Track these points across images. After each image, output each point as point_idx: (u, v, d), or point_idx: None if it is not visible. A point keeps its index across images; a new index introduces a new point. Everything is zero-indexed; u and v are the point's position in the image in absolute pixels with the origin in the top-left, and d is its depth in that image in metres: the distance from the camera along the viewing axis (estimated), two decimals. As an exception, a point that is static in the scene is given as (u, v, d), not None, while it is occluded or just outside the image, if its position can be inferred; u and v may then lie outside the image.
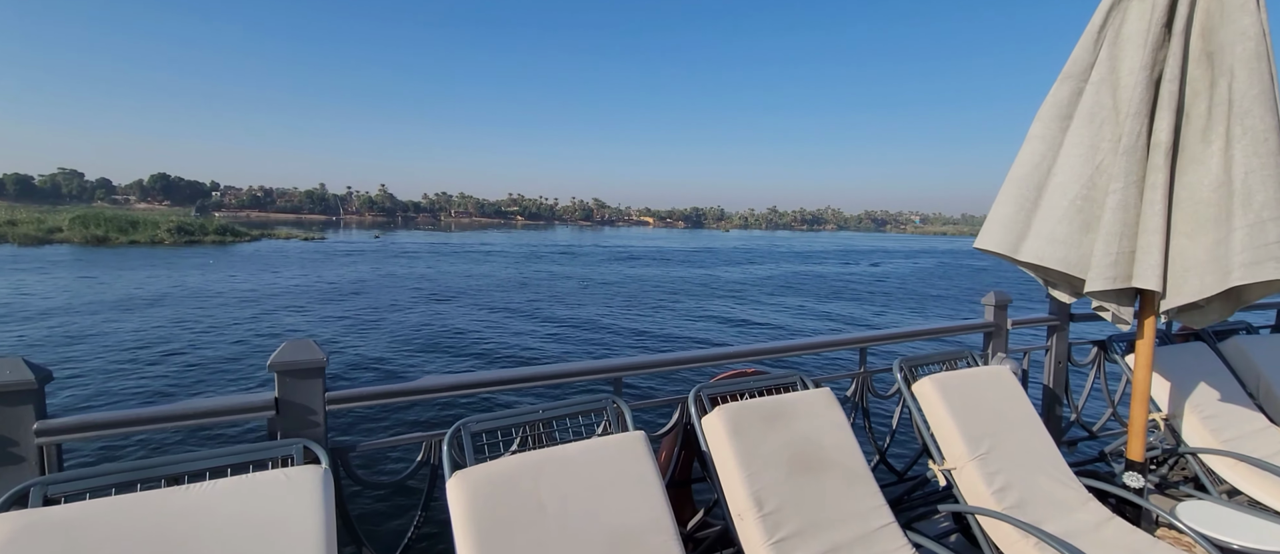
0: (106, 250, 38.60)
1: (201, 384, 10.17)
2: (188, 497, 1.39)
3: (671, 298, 22.90)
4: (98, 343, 12.74)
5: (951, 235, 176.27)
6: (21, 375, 1.45)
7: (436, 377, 2.01)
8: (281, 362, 1.67)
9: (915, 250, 70.75)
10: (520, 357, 12.72)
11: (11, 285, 21.05)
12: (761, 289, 26.96)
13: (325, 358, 1.73)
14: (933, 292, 27.68)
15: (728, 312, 19.62)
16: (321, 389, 1.73)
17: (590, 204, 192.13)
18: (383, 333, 14.64)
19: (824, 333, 16.04)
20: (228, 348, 12.73)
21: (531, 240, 73.39)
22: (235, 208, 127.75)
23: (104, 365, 11.01)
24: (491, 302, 20.64)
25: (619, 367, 2.24)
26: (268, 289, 22.26)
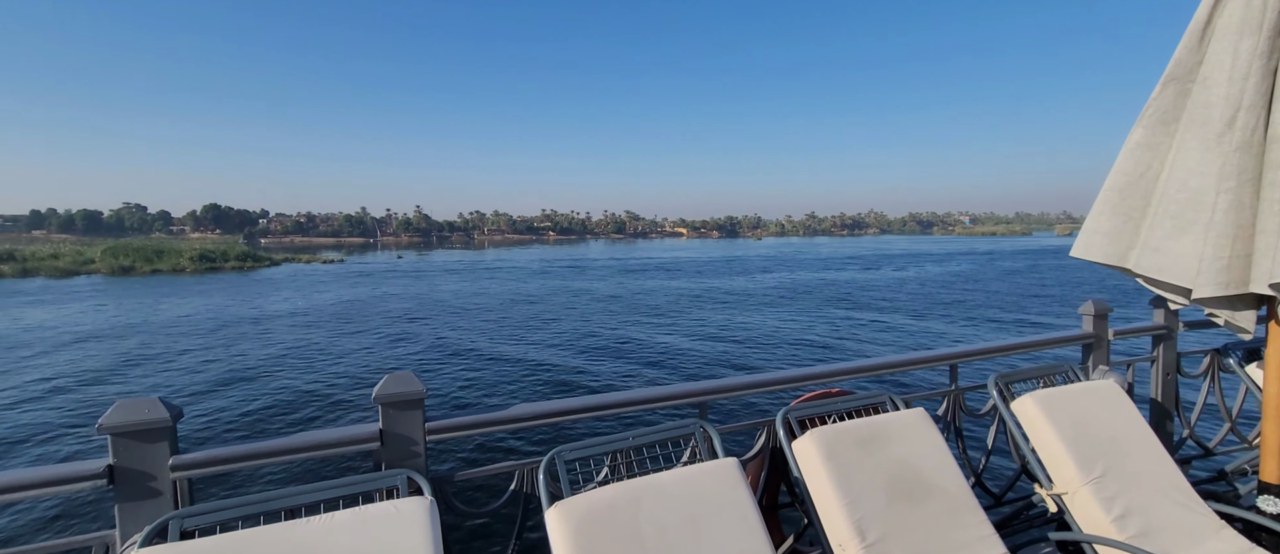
0: (131, 280, 40.03)
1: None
2: (309, 529, 1.46)
3: (641, 312, 21.34)
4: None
5: (1002, 235, 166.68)
6: (158, 414, 1.57)
7: (527, 405, 2.02)
8: (385, 394, 1.76)
9: (953, 252, 66.60)
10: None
11: (10, 319, 21.49)
12: (747, 301, 25.03)
13: (424, 390, 1.81)
14: (950, 297, 25.10)
15: (704, 323, 17.94)
16: (422, 420, 1.82)
17: (623, 217, 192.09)
18: (334, 358, 13.76)
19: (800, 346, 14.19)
20: (160, 378, 12.06)
21: (548, 255, 73.06)
22: (280, 234, 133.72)
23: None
24: (460, 320, 19.63)
25: (704, 390, 2.22)
26: (235, 315, 21.96)
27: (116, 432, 1.58)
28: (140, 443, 1.60)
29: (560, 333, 17.48)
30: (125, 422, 1.59)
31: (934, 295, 26.39)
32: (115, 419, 1.58)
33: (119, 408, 1.60)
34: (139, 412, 1.60)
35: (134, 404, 1.60)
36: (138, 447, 1.61)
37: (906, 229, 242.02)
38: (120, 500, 1.59)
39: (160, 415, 1.57)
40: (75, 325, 20.06)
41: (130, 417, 1.59)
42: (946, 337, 16.56)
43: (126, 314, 22.84)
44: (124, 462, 1.60)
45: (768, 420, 2.22)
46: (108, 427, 1.58)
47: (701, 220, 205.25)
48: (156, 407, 1.58)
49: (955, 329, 17.65)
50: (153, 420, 1.57)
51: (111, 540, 1.58)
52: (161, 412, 1.58)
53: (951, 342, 15.91)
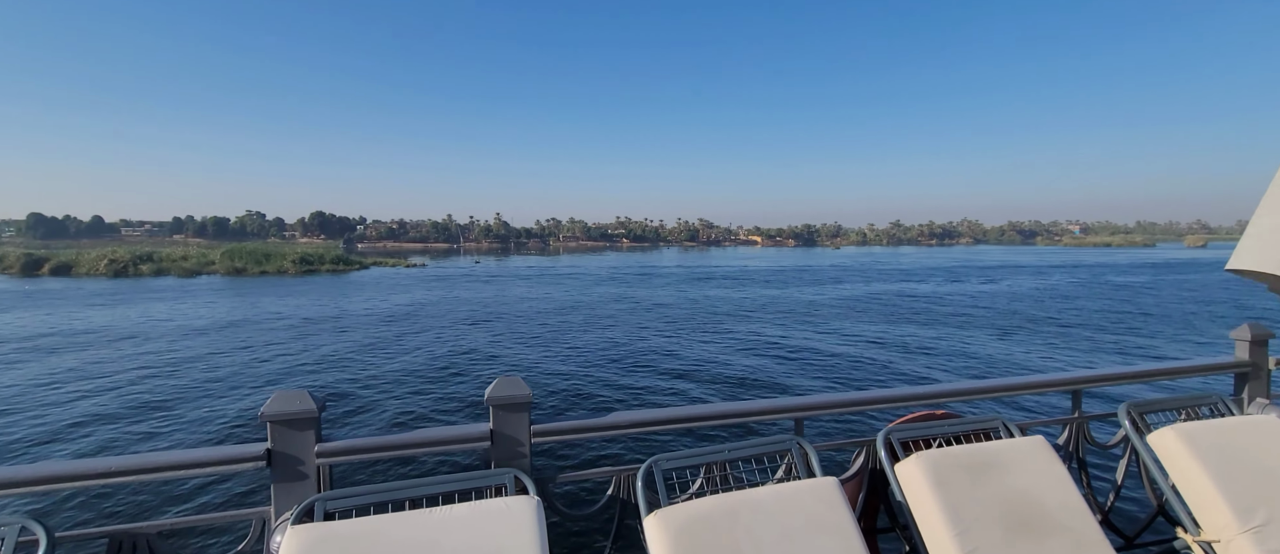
0: (243, 279, 44.51)
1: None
2: (431, 520, 1.59)
3: (664, 323, 20.82)
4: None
5: (1118, 246, 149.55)
6: (308, 405, 1.74)
7: (626, 413, 2.07)
8: (496, 396, 1.87)
9: (1053, 265, 60.63)
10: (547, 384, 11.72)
11: (140, 312, 24.48)
12: (807, 314, 23.82)
13: (531, 394, 1.90)
14: (1040, 314, 22.66)
15: (756, 336, 17.23)
16: (528, 423, 1.91)
17: (696, 225, 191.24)
18: (375, 359, 14.52)
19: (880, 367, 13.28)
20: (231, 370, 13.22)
21: (617, 262, 73.76)
22: (375, 239, 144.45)
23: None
24: (517, 326, 20.11)
25: (800, 406, 2.20)
26: (319, 314, 23.69)
27: (274, 420, 1.75)
28: (293, 431, 1.76)
29: (612, 340, 17.41)
30: (281, 411, 1.75)
31: (1019, 312, 23.98)
32: (274, 409, 1.75)
33: (276, 399, 1.76)
34: (292, 403, 1.76)
35: (288, 396, 1.76)
36: (291, 434, 1.77)
37: (1005, 239, 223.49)
38: (275, 480, 1.76)
39: (309, 407, 1.75)
40: (190, 319, 22.43)
41: (285, 407, 1.75)
42: (1024, 359, 14.90)
43: (232, 312, 25.26)
44: (279, 447, 1.77)
45: (867, 440, 2.19)
46: (268, 415, 1.74)
47: (777, 229, 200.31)
48: (306, 399, 1.75)
49: (1037, 352, 15.88)
50: (303, 411, 1.74)
51: (267, 515, 1.77)
52: (310, 404, 1.75)
53: (1011, 368, 14.31)
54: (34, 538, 1.47)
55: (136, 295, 32.00)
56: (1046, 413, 2.25)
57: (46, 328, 20.01)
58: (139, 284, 39.20)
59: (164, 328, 20.20)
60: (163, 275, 45.44)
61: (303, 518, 1.58)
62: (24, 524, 1.49)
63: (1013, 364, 14.25)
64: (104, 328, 20.14)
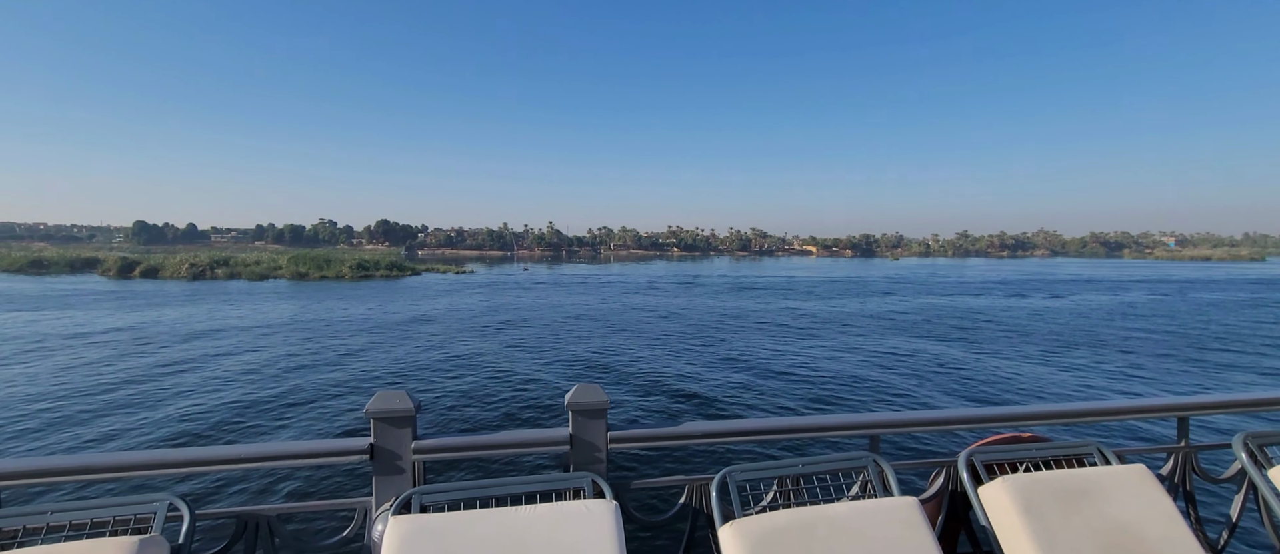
0: (305, 283, 47.33)
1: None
2: (517, 518, 1.66)
3: (690, 330, 20.24)
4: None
5: (1219, 261, 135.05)
6: (406, 404, 1.86)
7: (701, 422, 2.07)
8: (576, 402, 1.95)
9: (1135, 280, 55.57)
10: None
11: (207, 312, 26.44)
12: (839, 327, 22.69)
13: (609, 400, 1.96)
14: (1108, 333, 20.66)
15: (777, 352, 16.55)
16: (605, 428, 1.99)
17: (748, 234, 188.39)
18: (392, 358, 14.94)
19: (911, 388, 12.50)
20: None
21: (662, 271, 73.46)
22: (433, 246, 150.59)
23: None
24: (529, 331, 20.27)
25: (877, 423, 2.17)
26: (348, 317, 24.74)
27: (377, 416, 1.87)
28: (393, 427, 1.88)
29: (630, 348, 17.20)
30: (384, 409, 1.86)
31: (1087, 330, 21.98)
32: (377, 406, 1.87)
33: (379, 398, 1.88)
34: (393, 402, 1.87)
35: (390, 395, 1.88)
36: (391, 430, 1.88)
37: (1086, 251, 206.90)
38: (377, 473, 1.88)
39: (407, 406, 1.86)
40: (250, 321, 23.95)
41: (387, 405, 1.87)
42: (1078, 383, 13.55)
43: (288, 313, 26.79)
44: (381, 442, 1.89)
45: (948, 460, 2.15)
46: (372, 412, 1.86)
47: (833, 239, 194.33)
48: (404, 399, 1.87)
49: (1095, 376, 14.44)
50: (403, 409, 1.86)
51: (369, 505, 1.89)
52: (408, 403, 1.87)
53: (1064, 393, 13.06)
54: (179, 513, 1.63)
55: (210, 297, 34.55)
56: (1148, 441, 2.07)
57: (125, 324, 21.84)
58: (213, 286, 42.37)
59: (228, 327, 21.63)
60: (235, 278, 48.95)
61: (401, 509, 1.68)
62: (171, 501, 1.64)
63: (1059, 390, 13.00)
64: (170, 327, 21.75)
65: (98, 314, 25.30)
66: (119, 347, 17.40)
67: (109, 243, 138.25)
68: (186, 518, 1.62)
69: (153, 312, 26.63)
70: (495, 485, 1.78)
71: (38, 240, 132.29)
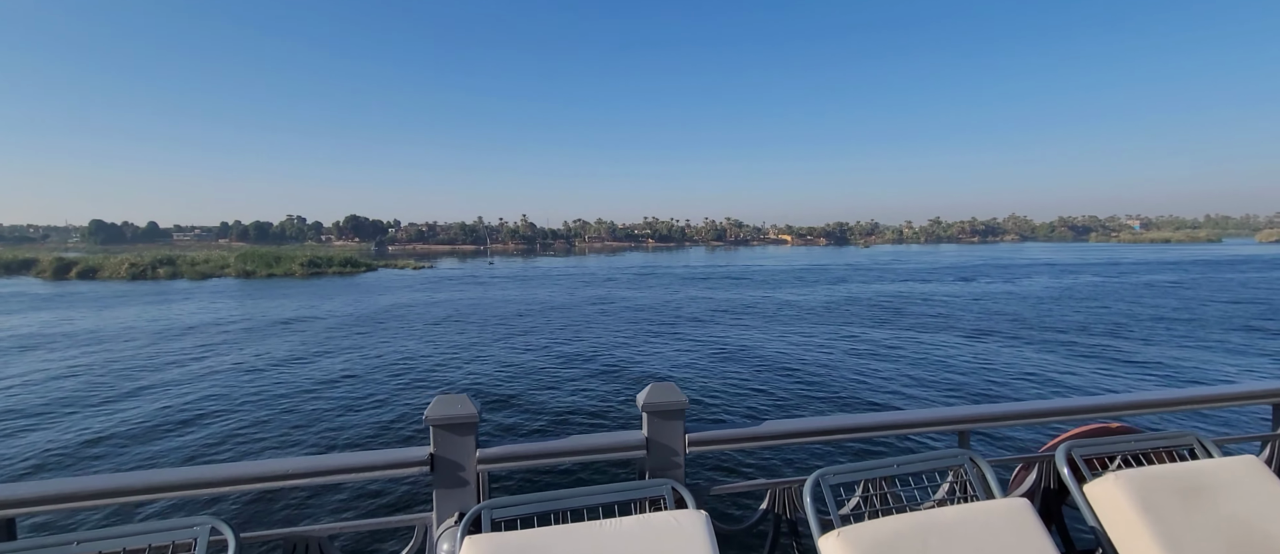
0: (252, 282, 45.93)
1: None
2: (602, 532, 1.54)
3: (651, 323, 19.89)
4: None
5: (1180, 243, 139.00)
6: (468, 410, 1.72)
7: (783, 421, 1.99)
8: (651, 403, 1.82)
9: (1090, 263, 56.61)
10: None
11: (137, 312, 25.33)
12: (758, 314, 22.51)
13: (686, 400, 1.84)
14: (1035, 317, 20.74)
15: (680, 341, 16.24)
16: (683, 431, 1.86)
17: (723, 224, 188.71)
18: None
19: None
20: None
21: (627, 262, 73.02)
22: (405, 241, 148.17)
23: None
24: (425, 328, 19.70)
25: (967, 417, 2.05)
26: (282, 316, 23.90)
27: (438, 424, 1.72)
28: (455, 436, 1.74)
29: (554, 345, 16.74)
30: (444, 415, 1.71)
31: (1015, 315, 22.05)
32: (436, 412, 1.72)
33: (438, 403, 1.73)
34: (454, 407, 1.72)
35: (449, 400, 1.73)
36: (453, 438, 1.74)
37: (1055, 236, 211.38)
38: (438, 486, 1.74)
39: (469, 411, 1.71)
40: (175, 321, 22.95)
41: (448, 411, 1.72)
42: (983, 371, 13.42)
43: (217, 313, 25.79)
44: (442, 452, 1.74)
45: (1041, 455, 2.05)
46: (431, 419, 1.71)
47: (808, 228, 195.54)
48: (466, 403, 1.72)
49: (1010, 359, 14.34)
50: (464, 415, 1.71)
51: (429, 522, 1.76)
52: (470, 408, 1.72)
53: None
54: (222, 538, 1.49)
55: (138, 298, 33.24)
56: (1241, 427, 1.90)
57: (41, 326, 20.77)
58: (151, 287, 40.85)
59: (126, 329, 20.66)
60: (177, 278, 47.34)
61: (471, 526, 1.57)
62: (213, 525, 1.50)
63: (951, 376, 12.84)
64: (86, 331, 20.73)
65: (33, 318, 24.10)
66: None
67: (65, 242, 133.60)
68: (232, 543, 1.48)
69: (47, 315, 25.46)
70: (568, 497, 1.65)
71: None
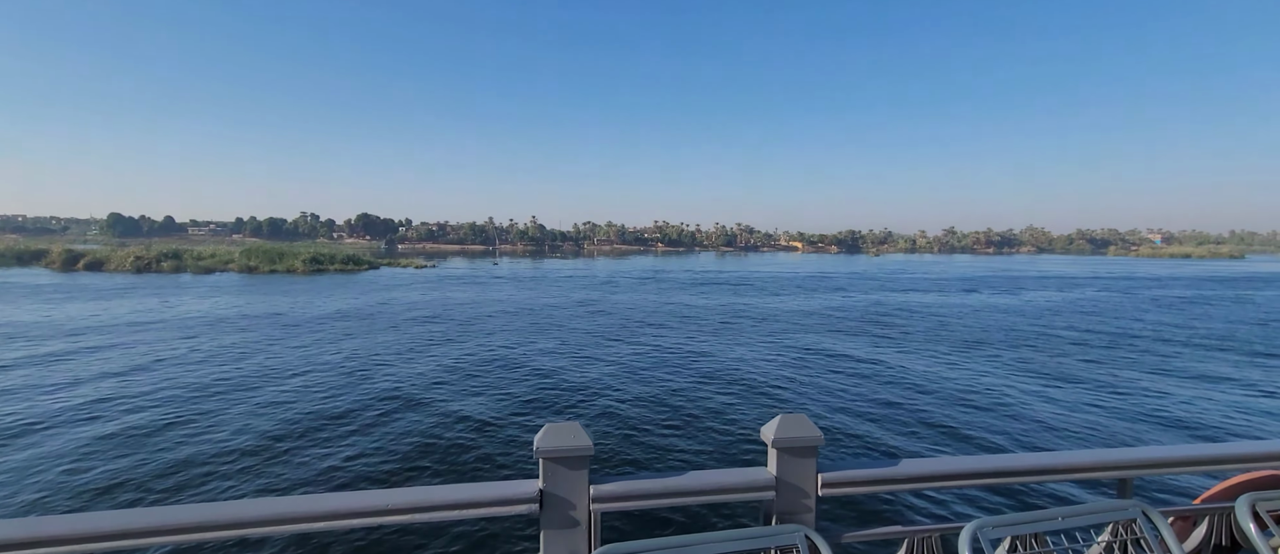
0: (254, 277, 46.24)
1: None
2: None
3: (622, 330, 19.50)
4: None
5: (1200, 258, 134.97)
6: (582, 441, 1.55)
7: (926, 461, 1.82)
8: (782, 438, 1.66)
9: (1102, 276, 55.23)
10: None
11: (133, 304, 25.51)
12: (759, 324, 21.98)
13: (821, 436, 1.69)
14: (1025, 333, 20.02)
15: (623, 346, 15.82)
16: (815, 470, 1.70)
17: (733, 229, 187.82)
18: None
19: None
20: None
21: (631, 266, 72.68)
22: (414, 240, 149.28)
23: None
24: (430, 328, 19.47)
25: (1132, 463, 1.85)
26: (265, 311, 23.87)
27: (548, 456, 1.55)
28: (567, 469, 1.57)
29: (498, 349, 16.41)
30: (557, 447, 1.55)
31: (1002, 331, 21.34)
32: (548, 443, 1.55)
33: (549, 432, 1.56)
34: (567, 437, 1.55)
35: (561, 429, 1.57)
36: (566, 473, 1.58)
37: (1073, 248, 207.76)
38: (547, 527, 1.58)
39: (584, 443, 1.55)
40: (157, 317, 23.03)
41: (560, 442, 1.55)
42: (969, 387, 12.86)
43: (209, 308, 25.86)
44: (552, 487, 1.58)
45: (1212, 508, 1.87)
46: (542, 451, 1.54)
47: (819, 235, 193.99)
48: (580, 432, 1.57)
49: (984, 377, 13.75)
50: (579, 448, 1.55)
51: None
52: (584, 438, 1.56)
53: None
54: None
55: (137, 291, 33.53)
56: None
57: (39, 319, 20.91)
58: (154, 280, 41.28)
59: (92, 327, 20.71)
60: (181, 272, 47.82)
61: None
62: None
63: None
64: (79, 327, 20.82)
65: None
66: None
67: (84, 235, 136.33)
68: None
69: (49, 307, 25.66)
70: (692, 545, 1.50)
71: (12, 232, 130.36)
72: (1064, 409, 10.73)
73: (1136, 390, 12.18)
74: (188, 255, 51.60)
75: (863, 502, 6.20)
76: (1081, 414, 10.41)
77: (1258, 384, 12.94)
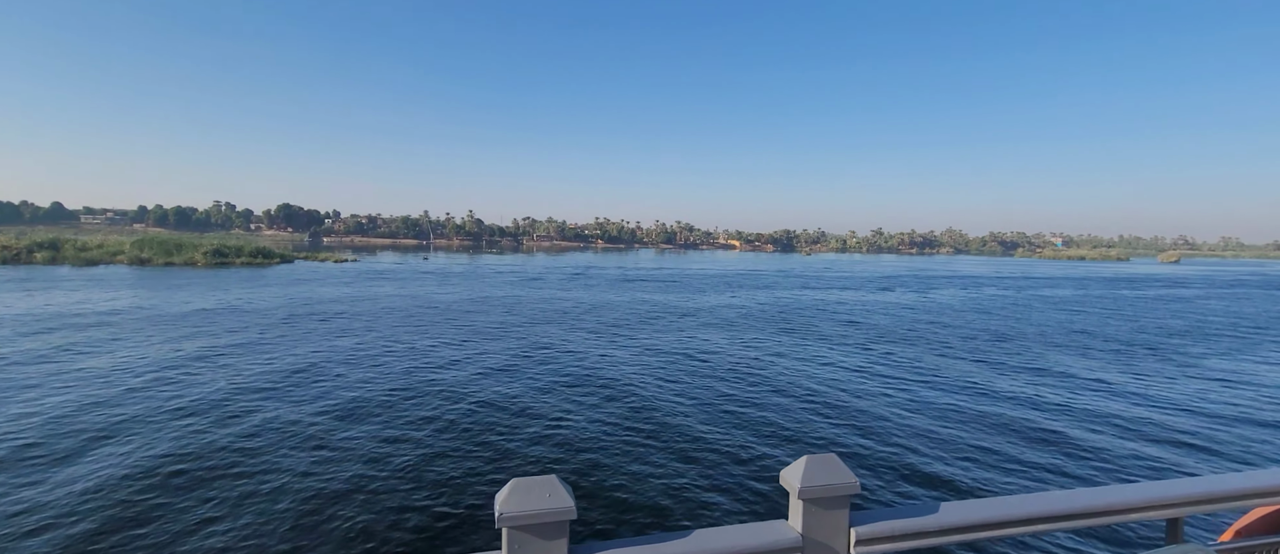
0: (144, 270, 42.40)
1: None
2: None
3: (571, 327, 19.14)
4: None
5: (1093, 260, 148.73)
6: (562, 501, 1.35)
7: (970, 505, 1.67)
8: (810, 486, 1.48)
9: (1003, 276, 59.48)
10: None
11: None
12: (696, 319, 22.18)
13: (857, 483, 1.52)
14: (907, 328, 21.13)
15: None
16: (848, 523, 1.54)
17: (673, 227, 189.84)
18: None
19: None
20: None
21: (565, 262, 72.02)
22: (342, 233, 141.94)
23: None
24: (322, 328, 18.36)
25: (1184, 500, 1.73)
26: (179, 309, 21.84)
27: (515, 524, 1.33)
28: (541, 540, 1.35)
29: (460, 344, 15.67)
30: (525, 512, 1.33)
31: (904, 326, 22.44)
32: (514, 507, 1.34)
33: (515, 490, 1.35)
34: (539, 498, 1.32)
35: (531, 486, 1.36)
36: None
37: (986, 250, 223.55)
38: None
39: (564, 504, 1.35)
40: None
41: (530, 505, 1.32)
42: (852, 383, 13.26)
43: (78, 303, 23.32)
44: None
45: (1268, 543, 1.81)
46: (507, 517, 1.32)
47: (756, 233, 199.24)
48: (558, 490, 1.37)
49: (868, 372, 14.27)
50: (556, 511, 1.32)
51: None
52: (565, 498, 1.35)
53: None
54: None
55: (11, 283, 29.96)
56: None
57: None
58: (21, 272, 37.06)
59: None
60: (58, 264, 43.26)
61: None
62: None
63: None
64: None
65: None
66: None
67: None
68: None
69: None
70: None
71: None
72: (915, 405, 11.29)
73: (1006, 390, 13.00)
74: (68, 246, 46.68)
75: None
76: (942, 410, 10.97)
77: (1082, 375, 14.13)
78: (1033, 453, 8.69)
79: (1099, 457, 8.63)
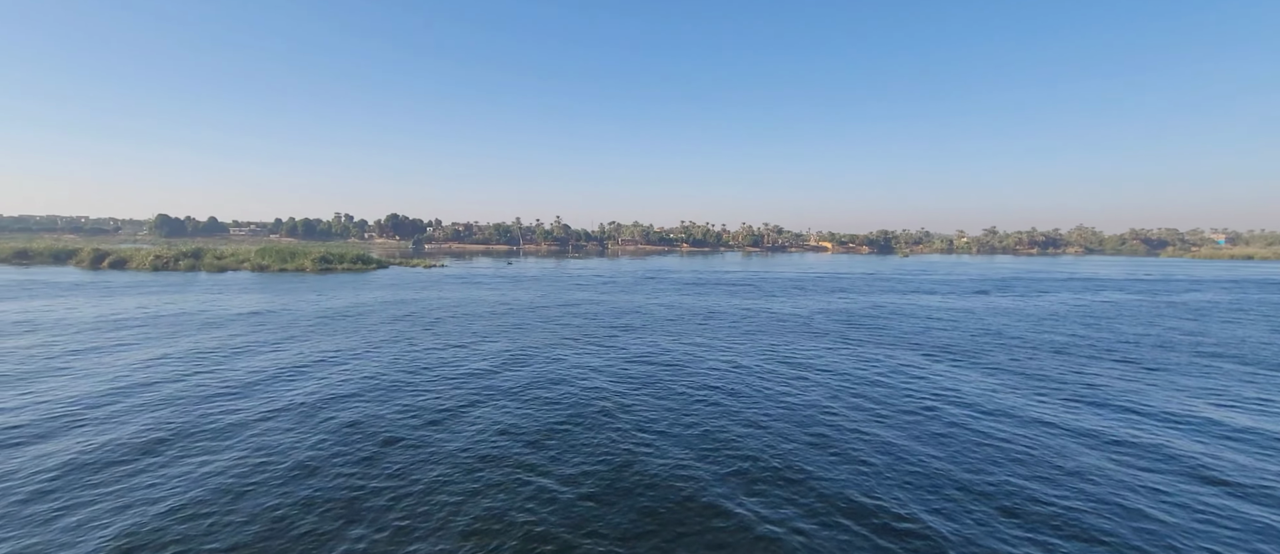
0: (264, 275, 47.59)
1: None
2: None
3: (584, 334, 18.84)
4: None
5: (1263, 260, 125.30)
6: None
7: None
8: None
9: (1138, 280, 51.61)
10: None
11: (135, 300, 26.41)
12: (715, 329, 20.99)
13: None
14: (1015, 338, 18.49)
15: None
16: None
17: (760, 229, 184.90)
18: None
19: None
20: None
21: (645, 266, 71.91)
22: (441, 240, 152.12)
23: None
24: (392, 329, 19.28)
25: None
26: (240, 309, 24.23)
27: None
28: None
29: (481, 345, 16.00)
30: None
31: (997, 336, 19.83)
32: None
33: None
34: None
35: None
36: None
37: (1126, 249, 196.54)
38: None
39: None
40: (127, 313, 23.67)
41: None
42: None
43: (184, 304, 26.45)
44: None
45: None
46: None
47: (850, 234, 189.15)
48: None
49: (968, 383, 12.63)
50: None
51: None
52: None
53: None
54: None
55: (139, 288, 34.77)
56: None
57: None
58: (168, 278, 42.87)
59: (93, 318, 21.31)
60: (196, 271, 49.59)
61: None
62: None
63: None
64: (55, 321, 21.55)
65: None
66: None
67: (135, 235, 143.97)
68: None
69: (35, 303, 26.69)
70: None
71: (72, 233, 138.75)
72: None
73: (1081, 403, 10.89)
74: (207, 254, 53.49)
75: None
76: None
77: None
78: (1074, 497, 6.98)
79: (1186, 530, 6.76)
